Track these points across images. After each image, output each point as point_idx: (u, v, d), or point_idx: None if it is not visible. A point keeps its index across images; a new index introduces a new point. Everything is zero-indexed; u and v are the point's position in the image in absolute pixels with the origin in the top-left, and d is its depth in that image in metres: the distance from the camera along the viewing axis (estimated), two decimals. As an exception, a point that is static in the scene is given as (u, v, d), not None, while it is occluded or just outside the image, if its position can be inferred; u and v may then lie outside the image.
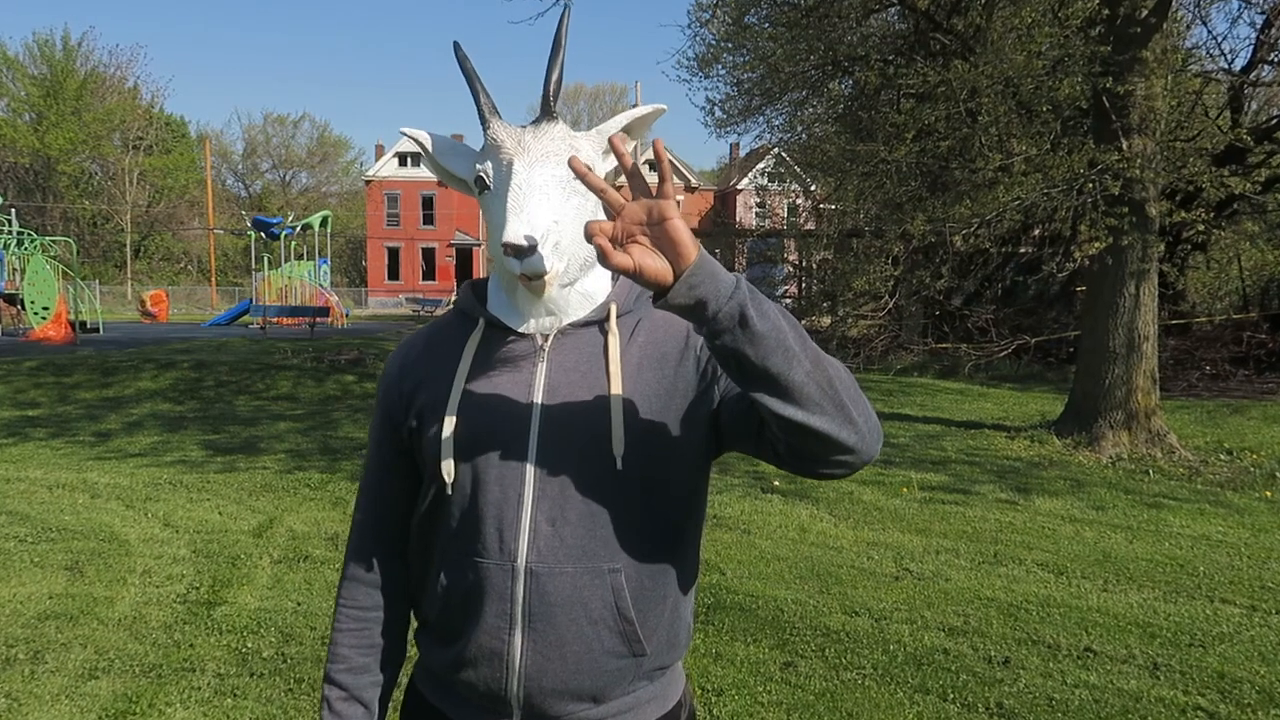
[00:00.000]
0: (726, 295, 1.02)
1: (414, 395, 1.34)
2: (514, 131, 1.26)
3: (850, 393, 1.11)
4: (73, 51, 49.88)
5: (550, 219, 1.20)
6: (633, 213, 1.02)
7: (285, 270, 28.53)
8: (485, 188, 1.27)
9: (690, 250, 1.01)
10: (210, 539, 5.63)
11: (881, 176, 12.67)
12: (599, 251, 0.99)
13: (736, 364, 1.06)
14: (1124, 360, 8.47)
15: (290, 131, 62.49)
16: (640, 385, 1.26)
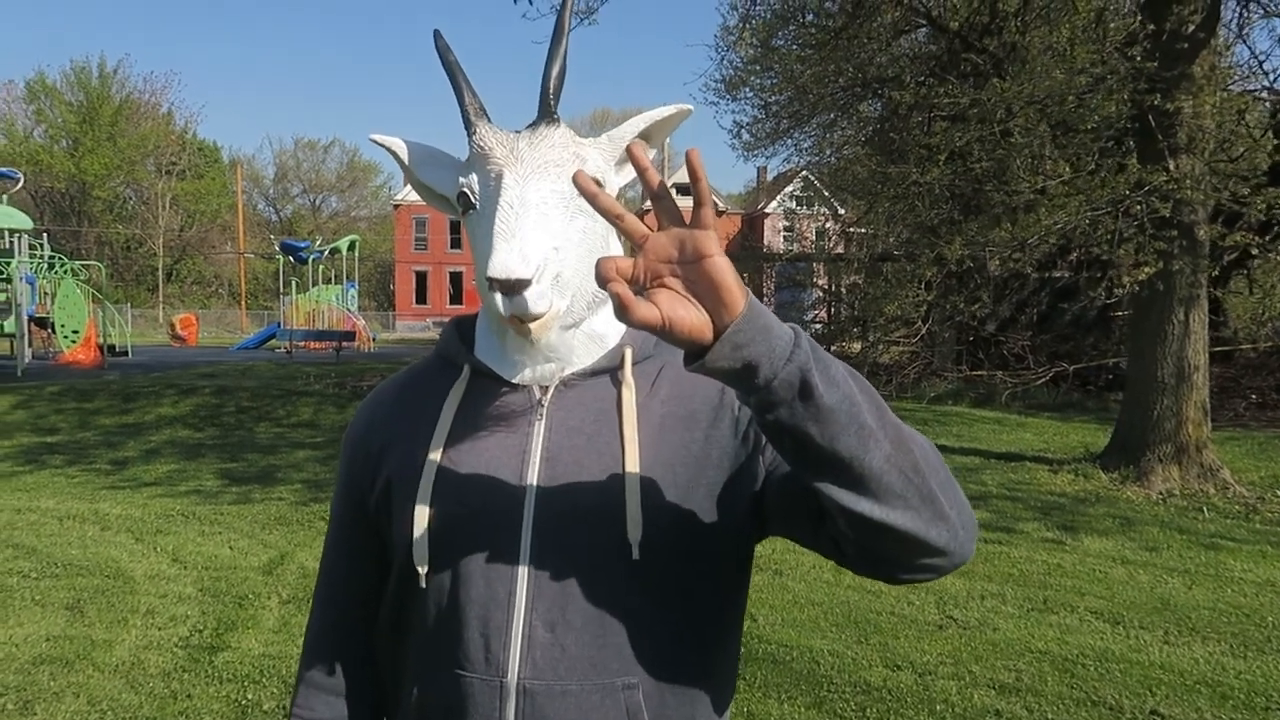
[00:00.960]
0: (783, 357, 0.77)
1: (381, 461, 1.08)
2: (505, 137, 1.01)
3: (940, 478, 0.84)
4: (108, 79, 50.81)
5: (549, 245, 0.94)
6: (659, 247, 0.77)
7: (313, 294, 28.61)
8: (470, 206, 1.02)
9: (736, 297, 0.75)
10: (218, 576, 5.41)
11: (913, 199, 12.39)
12: (616, 302, 0.74)
13: (795, 444, 0.80)
14: (1173, 391, 8.09)
15: (320, 156, 63.24)
16: (663, 452, 1.00)
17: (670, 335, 0.75)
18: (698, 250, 0.75)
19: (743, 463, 1.00)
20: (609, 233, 1.05)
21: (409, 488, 1.03)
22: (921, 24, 14.39)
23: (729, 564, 1.02)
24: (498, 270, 0.89)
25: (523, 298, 0.91)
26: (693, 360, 0.78)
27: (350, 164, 63.52)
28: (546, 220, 0.95)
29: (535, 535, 0.98)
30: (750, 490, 1.00)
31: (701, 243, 0.75)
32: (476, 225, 1.01)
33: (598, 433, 1.01)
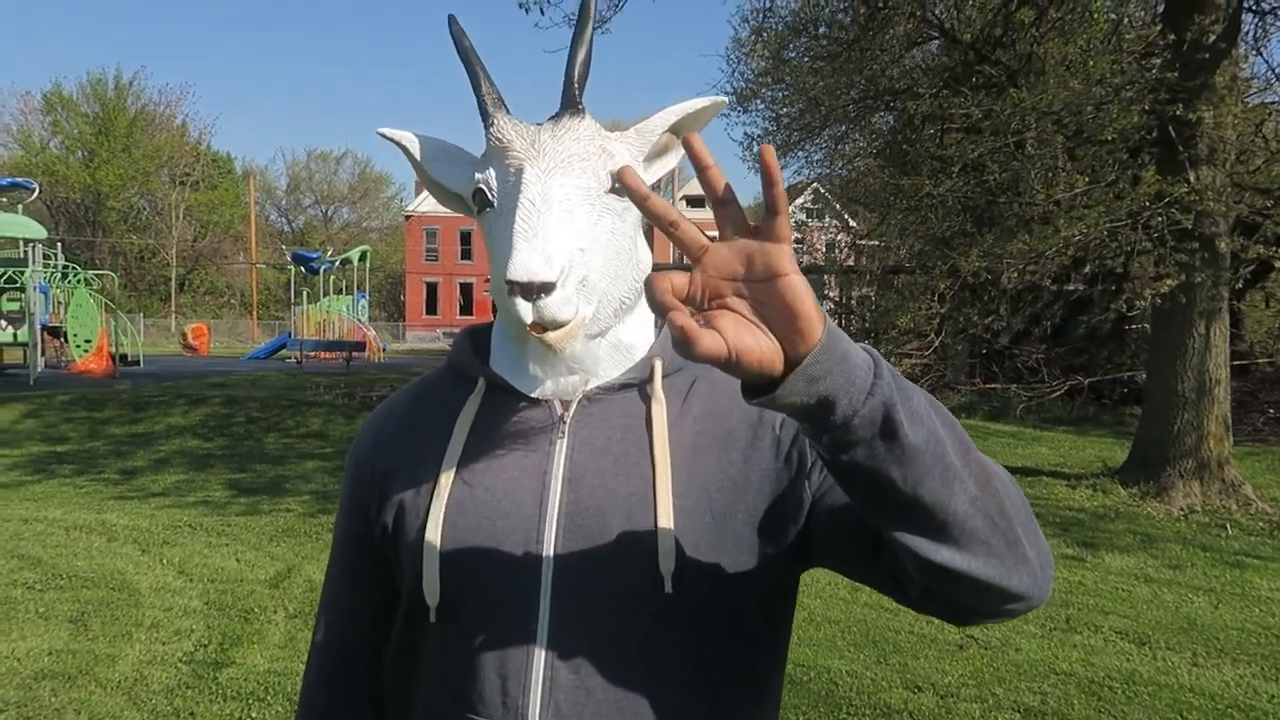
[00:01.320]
0: (863, 390, 0.67)
1: (389, 482, 0.99)
2: (525, 130, 0.93)
3: (1022, 518, 0.76)
4: (124, 90, 51.12)
5: (574, 246, 0.86)
6: (722, 261, 0.67)
7: (324, 304, 28.62)
8: (487, 204, 0.94)
9: (814, 324, 0.65)
10: (224, 589, 5.33)
11: (926, 211, 12.28)
12: (677, 335, 0.64)
13: (871, 488, 0.71)
14: (1194, 405, 7.95)
15: (333, 168, 63.48)
16: (698, 475, 0.92)
17: (736, 368, 0.65)
18: (770, 267, 0.65)
19: (785, 487, 0.91)
20: (637, 234, 0.97)
21: (418, 512, 0.94)
22: (934, 36, 14.31)
23: (770, 598, 0.93)
24: (519, 272, 0.81)
25: (546, 303, 0.82)
26: (756, 394, 0.68)
27: (362, 175, 63.78)
28: (571, 219, 0.87)
29: (557, 566, 0.89)
30: (795, 518, 0.91)
31: (774, 258, 0.65)
32: (494, 224, 0.92)
33: (625, 452, 0.93)
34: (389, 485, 0.99)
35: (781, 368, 0.66)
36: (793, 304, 0.65)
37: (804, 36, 16.25)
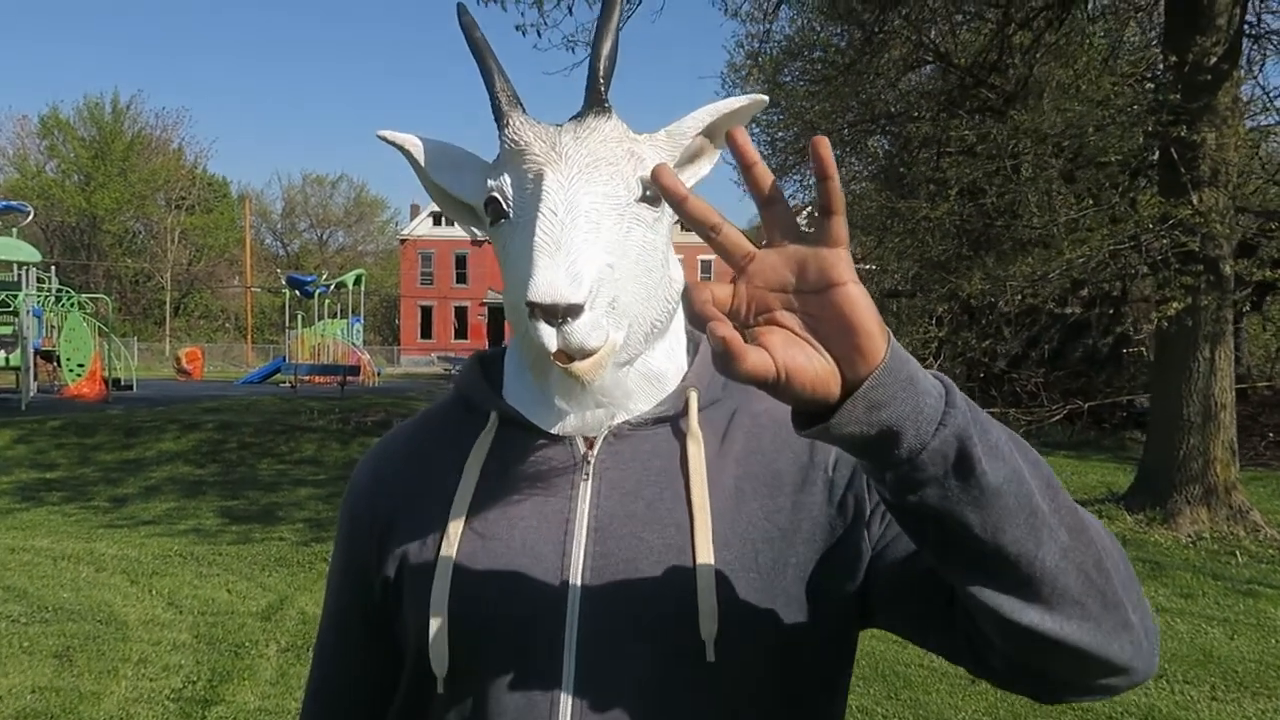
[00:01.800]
0: (933, 419, 0.58)
1: (390, 533, 0.88)
2: (545, 131, 0.82)
3: (1122, 574, 0.66)
4: (121, 114, 51.22)
5: (603, 261, 0.75)
6: (770, 270, 0.59)
7: (318, 328, 28.51)
8: (501, 215, 0.83)
9: (876, 340, 0.57)
10: (215, 622, 5.18)
11: (923, 234, 12.25)
12: (721, 349, 0.55)
13: (942, 535, 0.61)
14: (1200, 429, 7.85)
15: (328, 192, 63.54)
16: (740, 524, 0.81)
17: (785, 390, 0.57)
18: (825, 276, 0.57)
19: (841, 537, 0.81)
20: (668, 248, 0.86)
21: (424, 569, 0.83)
22: (930, 60, 14.35)
23: (824, 663, 0.82)
24: (542, 292, 0.70)
25: (573, 328, 0.72)
26: (809, 422, 0.59)
27: (358, 199, 63.82)
28: (599, 230, 0.77)
29: (583, 629, 0.78)
30: (852, 572, 0.80)
31: (830, 266, 0.57)
32: (510, 238, 0.82)
33: (659, 497, 0.82)
34: (389, 536, 0.88)
35: (838, 392, 0.58)
36: (851, 317, 0.56)
37: (799, 61, 16.30)
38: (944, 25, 13.83)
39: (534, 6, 8.37)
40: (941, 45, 13.82)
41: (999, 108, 11.39)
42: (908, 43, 13.39)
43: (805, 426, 0.59)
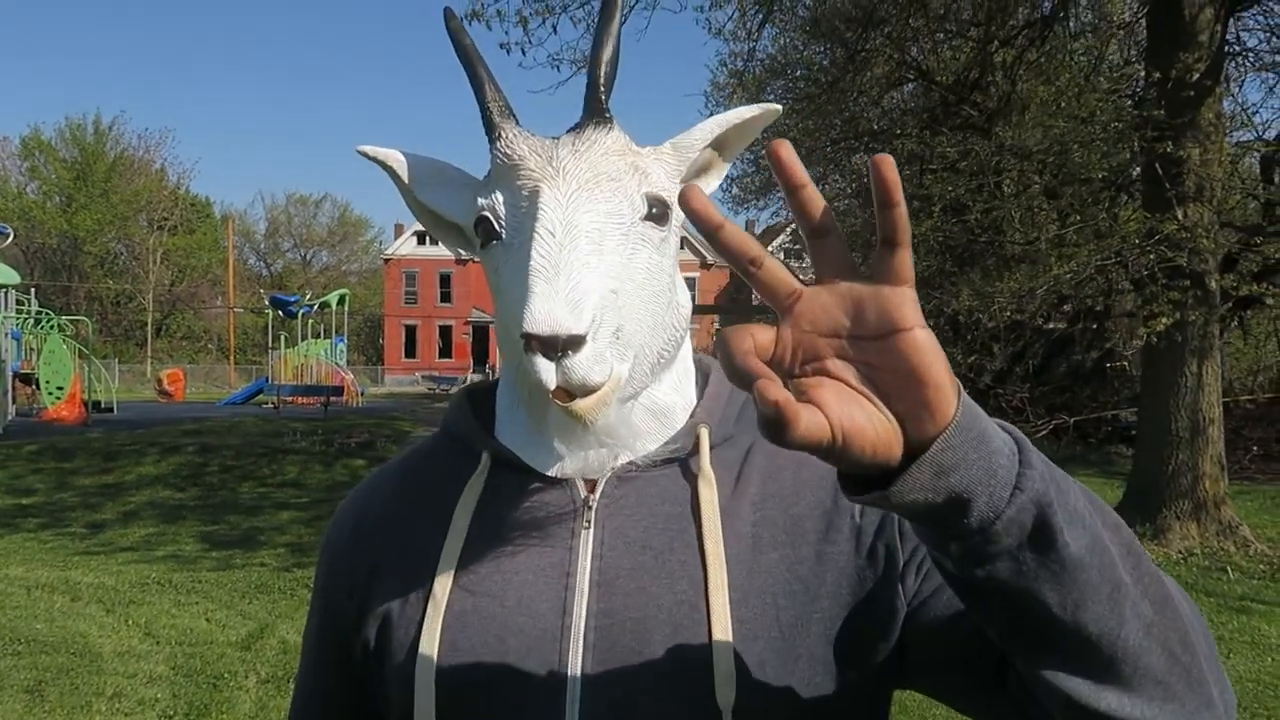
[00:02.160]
0: (1007, 483, 0.50)
1: (371, 589, 0.80)
2: (541, 144, 0.75)
3: (1205, 648, 0.60)
4: (104, 135, 50.95)
5: (606, 287, 0.68)
6: (820, 312, 0.51)
7: (302, 349, 28.29)
8: (493, 236, 0.75)
9: (945, 395, 0.49)
10: (193, 652, 5.04)
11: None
12: (770, 414, 0.47)
13: (1013, 613, 0.54)
14: (1188, 444, 7.84)
15: (312, 211, 63.31)
16: (760, 576, 0.73)
17: (841, 455, 0.49)
18: (887, 319, 0.49)
19: (871, 592, 0.73)
20: (675, 270, 0.79)
21: (409, 628, 0.75)
22: (912, 78, 14.43)
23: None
24: (539, 323, 0.63)
25: (574, 362, 0.64)
26: (863, 488, 0.51)
27: (341, 219, 63.60)
28: (601, 252, 0.69)
29: (586, 696, 0.70)
30: (884, 631, 0.73)
31: (893, 308, 0.49)
32: (503, 261, 0.74)
33: (669, 547, 0.74)
34: (371, 592, 0.80)
35: (900, 454, 0.50)
36: (918, 369, 0.49)
37: (782, 79, 16.35)
38: (926, 44, 13.90)
39: (519, 24, 8.34)
40: (923, 63, 13.90)
41: (982, 125, 11.44)
42: (890, 61, 13.46)
43: (858, 492, 0.51)
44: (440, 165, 0.85)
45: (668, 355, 0.77)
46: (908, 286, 0.50)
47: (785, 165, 0.51)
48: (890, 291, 0.49)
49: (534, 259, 0.67)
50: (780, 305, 0.52)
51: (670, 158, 0.80)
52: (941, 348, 0.51)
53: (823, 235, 0.51)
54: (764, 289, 0.53)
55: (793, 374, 0.51)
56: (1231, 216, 10.13)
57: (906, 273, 0.50)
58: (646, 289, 0.72)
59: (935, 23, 12.59)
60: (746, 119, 0.82)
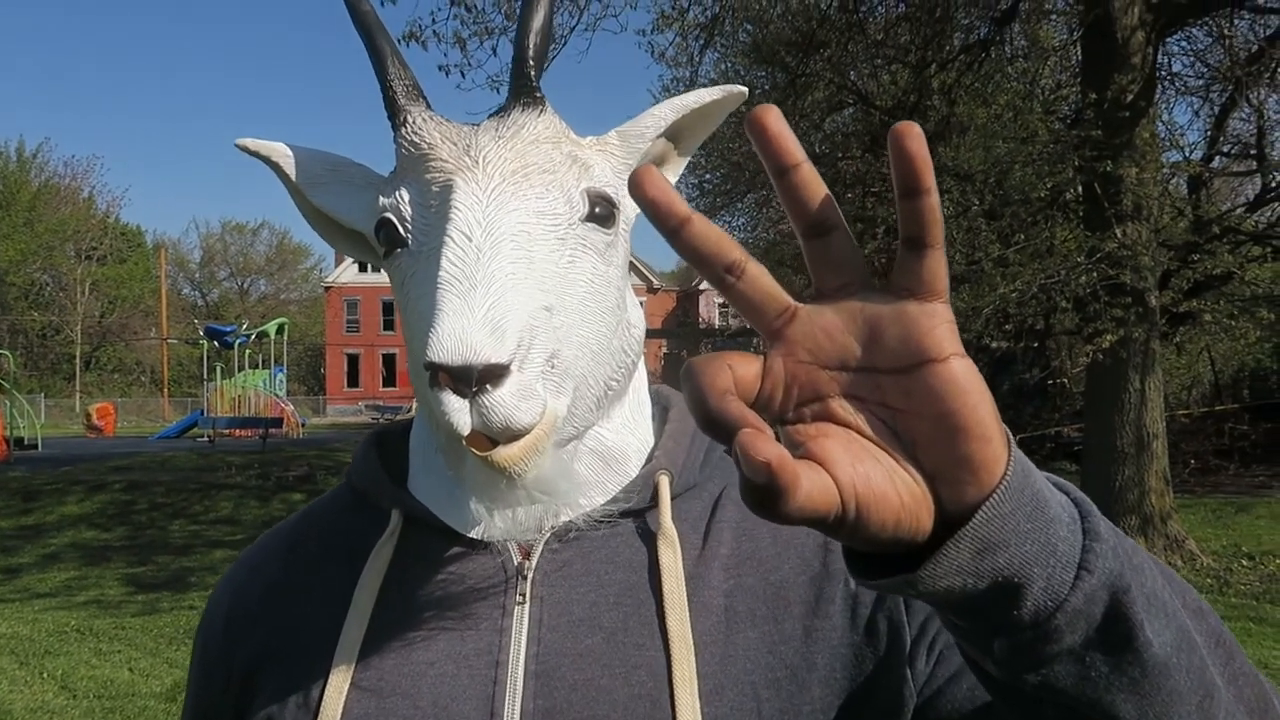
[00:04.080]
0: (1069, 562, 0.38)
1: (250, 688, 0.64)
2: (456, 131, 0.60)
3: None
4: (27, 163, 49.50)
5: (536, 304, 0.53)
6: (823, 335, 0.38)
7: (239, 380, 27.57)
8: (397, 243, 0.61)
9: (994, 448, 0.37)
10: (113, 706, 4.72)
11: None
12: (764, 480, 0.33)
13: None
14: (1134, 460, 7.93)
15: (249, 239, 62.12)
16: (736, 660, 0.59)
17: (854, 529, 0.36)
18: (915, 345, 0.37)
19: (871, 675, 0.59)
20: (625, 282, 0.65)
21: None
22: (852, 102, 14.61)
23: None
24: (447, 350, 0.48)
25: (494, 400, 0.49)
26: (880, 571, 0.39)
27: (280, 246, 62.46)
28: (531, 261, 0.55)
29: None
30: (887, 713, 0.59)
31: (923, 330, 0.37)
32: (409, 273, 0.59)
33: (623, 626, 0.60)
34: (249, 694, 0.64)
35: (930, 525, 0.37)
36: (957, 412, 0.36)
37: (725, 103, 16.43)
38: (865, 68, 14.10)
39: (456, 46, 8.20)
40: (863, 87, 14.09)
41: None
42: (830, 85, 13.60)
43: (872, 575, 0.39)
44: (337, 161, 0.69)
45: (616, 386, 0.63)
46: (940, 301, 0.37)
47: (772, 138, 0.38)
48: (917, 308, 0.37)
49: (444, 269, 0.53)
50: (768, 327, 0.39)
51: (616, 149, 0.66)
52: (993, 393, 0.38)
53: (824, 232, 0.38)
54: (746, 305, 0.39)
55: (785, 419, 0.39)
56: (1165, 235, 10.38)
57: (939, 282, 0.37)
58: (589, 305, 0.58)
59: (874, 48, 12.77)
60: (707, 103, 0.68)
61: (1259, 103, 10.50)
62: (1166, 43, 9.74)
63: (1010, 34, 10.43)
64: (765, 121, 0.38)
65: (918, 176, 0.36)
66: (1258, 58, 9.17)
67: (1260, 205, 11.64)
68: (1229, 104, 13.54)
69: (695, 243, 0.38)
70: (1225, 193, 19.05)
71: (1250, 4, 8.91)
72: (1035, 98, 10.07)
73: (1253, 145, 12.06)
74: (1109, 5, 7.50)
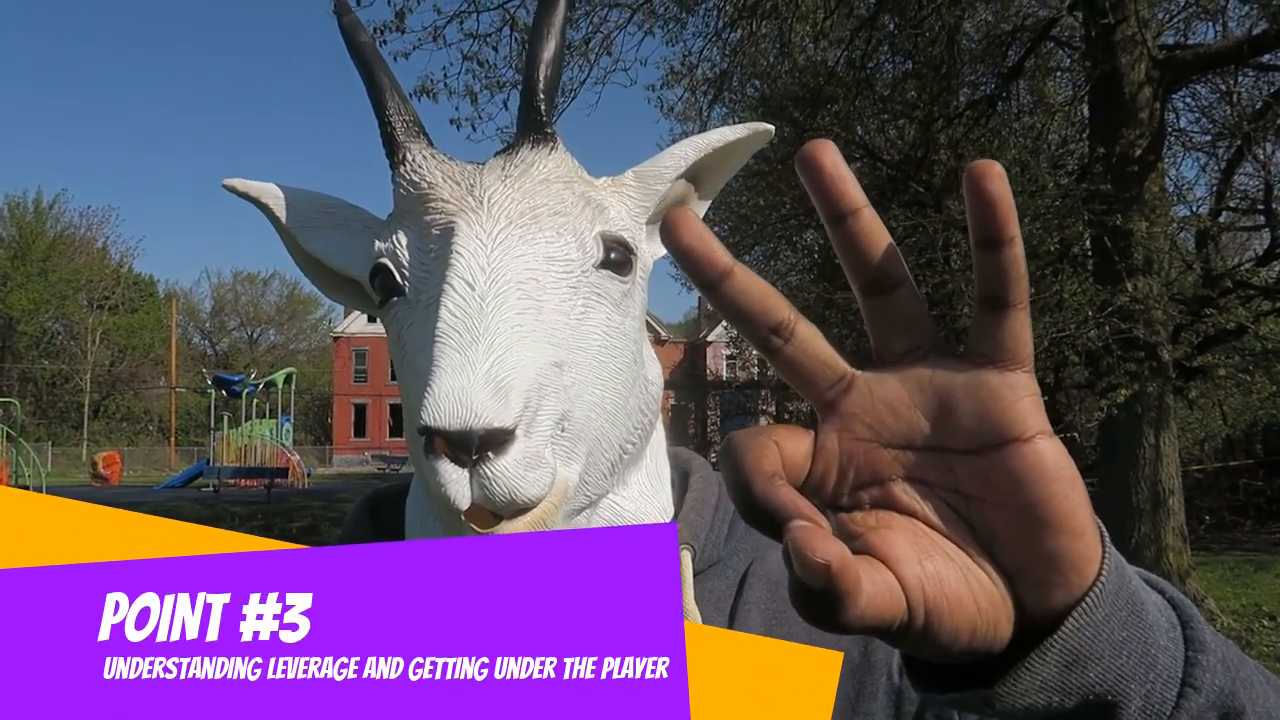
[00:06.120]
0: (1170, 678, 0.35)
1: None
2: (459, 170, 0.55)
3: None
4: (44, 214, 50.19)
5: (545, 359, 0.47)
6: (885, 408, 0.34)
7: (246, 429, 27.57)
8: (393, 291, 0.56)
9: (1088, 544, 0.33)
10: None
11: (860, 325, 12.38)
12: (821, 584, 0.28)
13: None
14: (1150, 516, 7.81)
15: (259, 290, 62.58)
16: None
17: (923, 638, 0.31)
18: (995, 422, 0.33)
19: None
20: (642, 333, 0.59)
21: None
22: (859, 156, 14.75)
23: None
24: (444, 413, 0.43)
25: (497, 469, 0.44)
26: (949, 683, 0.34)
27: (290, 297, 62.92)
28: (540, 312, 0.49)
29: None
30: None
31: (1005, 405, 0.33)
32: (405, 324, 0.54)
33: None
34: None
35: (1009, 633, 0.33)
36: (1044, 502, 0.32)
37: (732, 157, 16.63)
38: (872, 123, 14.26)
39: (467, 99, 8.30)
40: (870, 142, 14.23)
41: (930, 201, 11.65)
42: (838, 140, 13.74)
43: (942, 688, 0.34)
44: (331, 203, 0.65)
45: (633, 449, 0.57)
46: (1023, 370, 0.33)
47: (829, 179, 0.33)
48: (998, 379, 0.33)
49: (443, 320, 0.47)
50: (821, 398, 0.35)
51: (633, 190, 0.61)
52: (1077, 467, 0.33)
53: (887, 288, 0.35)
54: (795, 372, 0.35)
55: (840, 505, 0.34)
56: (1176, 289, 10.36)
57: (1023, 348, 0.34)
58: (603, 361, 0.52)
59: (881, 103, 12.94)
60: (731, 141, 0.63)
61: (1266, 158, 10.54)
62: (1173, 99, 9.83)
63: (1017, 90, 10.54)
64: (821, 160, 0.33)
65: (1000, 225, 0.31)
66: (1263, 114, 9.23)
67: (1270, 259, 11.63)
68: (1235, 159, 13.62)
69: (738, 299, 0.34)
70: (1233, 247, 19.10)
71: (1254, 61, 8.99)
72: (1042, 153, 10.13)
73: (1260, 200, 12.10)
74: (1115, 62, 7.56)
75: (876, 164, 14.13)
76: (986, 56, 10.58)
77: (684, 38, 10.59)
